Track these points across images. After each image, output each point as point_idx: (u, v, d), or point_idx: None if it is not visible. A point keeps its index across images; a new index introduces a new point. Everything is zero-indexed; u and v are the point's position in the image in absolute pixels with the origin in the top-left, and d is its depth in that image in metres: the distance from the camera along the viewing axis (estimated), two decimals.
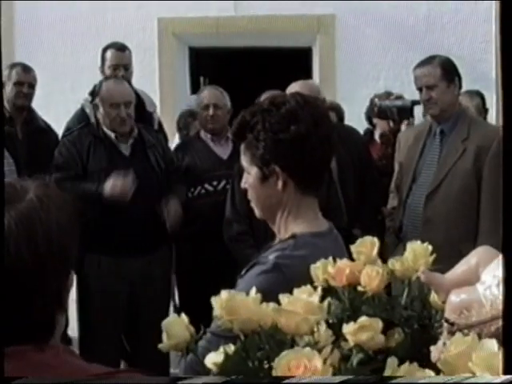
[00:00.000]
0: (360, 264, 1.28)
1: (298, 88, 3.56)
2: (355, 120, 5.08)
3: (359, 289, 1.24)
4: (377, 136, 4.72)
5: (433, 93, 3.48)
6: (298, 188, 1.69)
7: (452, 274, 1.13)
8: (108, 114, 3.70)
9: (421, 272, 1.24)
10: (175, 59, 7.12)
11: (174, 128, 5.48)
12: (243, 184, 1.74)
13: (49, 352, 1.04)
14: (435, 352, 0.97)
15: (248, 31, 6.86)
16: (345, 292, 1.25)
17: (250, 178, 1.70)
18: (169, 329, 1.12)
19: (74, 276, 3.68)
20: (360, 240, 1.35)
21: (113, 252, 3.62)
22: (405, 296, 1.27)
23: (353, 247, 1.34)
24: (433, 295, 1.19)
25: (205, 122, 4.19)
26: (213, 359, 1.08)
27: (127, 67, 4.51)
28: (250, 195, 1.73)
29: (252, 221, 3.20)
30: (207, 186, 4.02)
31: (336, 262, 1.27)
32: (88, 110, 4.14)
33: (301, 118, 1.63)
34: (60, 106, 5.54)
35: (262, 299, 1.10)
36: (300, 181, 1.68)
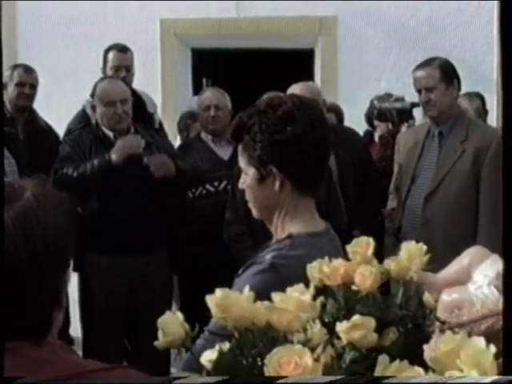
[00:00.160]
0: (355, 264, 1.29)
1: (299, 89, 3.57)
2: (357, 122, 5.06)
3: (353, 288, 1.25)
4: (376, 138, 4.71)
5: (432, 95, 3.48)
6: (295, 188, 1.69)
7: (444, 274, 1.15)
8: (105, 113, 3.72)
9: (413, 272, 1.26)
10: (177, 60, 7.10)
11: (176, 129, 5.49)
12: (241, 185, 1.75)
13: (45, 348, 1.06)
14: (428, 351, 0.98)
15: (250, 33, 6.84)
16: (340, 291, 1.26)
17: (248, 179, 1.71)
18: (164, 326, 1.13)
19: (77, 276, 3.65)
20: (355, 240, 1.36)
21: (112, 251, 3.63)
22: (400, 295, 1.28)
23: (348, 247, 1.35)
24: (426, 295, 1.20)
25: (206, 123, 4.20)
26: (208, 357, 1.09)
27: (129, 68, 4.52)
28: (248, 196, 1.74)
29: (251, 221, 3.21)
30: (208, 187, 4.03)
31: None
32: (89, 111, 4.15)
33: (297, 120, 1.64)
34: (62, 108, 5.53)
35: (259, 298, 1.10)
36: (297, 181, 1.69)
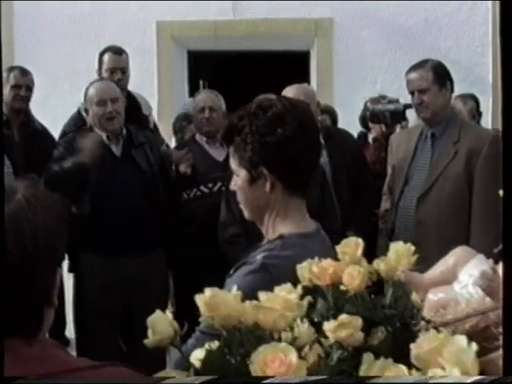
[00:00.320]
0: (343, 264, 1.31)
1: (294, 92, 3.58)
2: (353, 123, 5.08)
3: (342, 288, 1.27)
4: (370, 139, 4.72)
5: (425, 96, 3.49)
6: (286, 189, 1.70)
7: (431, 274, 1.16)
8: (96, 114, 3.72)
9: (401, 271, 1.28)
10: (174, 62, 7.10)
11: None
12: (232, 186, 1.76)
13: (36, 346, 1.07)
14: (415, 349, 1.00)
15: (246, 34, 6.85)
16: (329, 291, 1.27)
17: (239, 180, 1.72)
18: (153, 325, 1.15)
19: (72, 277, 3.65)
20: (345, 240, 1.38)
21: (106, 252, 3.63)
22: (389, 295, 1.29)
23: (338, 247, 1.37)
24: (413, 294, 1.21)
25: (200, 125, 4.21)
26: (197, 355, 1.11)
27: (124, 70, 4.53)
28: (239, 197, 1.75)
29: (246, 223, 3.21)
30: (203, 188, 4.03)
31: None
32: (84, 114, 4.16)
33: (287, 121, 1.65)
34: (58, 109, 5.53)
35: (250, 298, 1.11)
36: (287, 182, 1.70)
